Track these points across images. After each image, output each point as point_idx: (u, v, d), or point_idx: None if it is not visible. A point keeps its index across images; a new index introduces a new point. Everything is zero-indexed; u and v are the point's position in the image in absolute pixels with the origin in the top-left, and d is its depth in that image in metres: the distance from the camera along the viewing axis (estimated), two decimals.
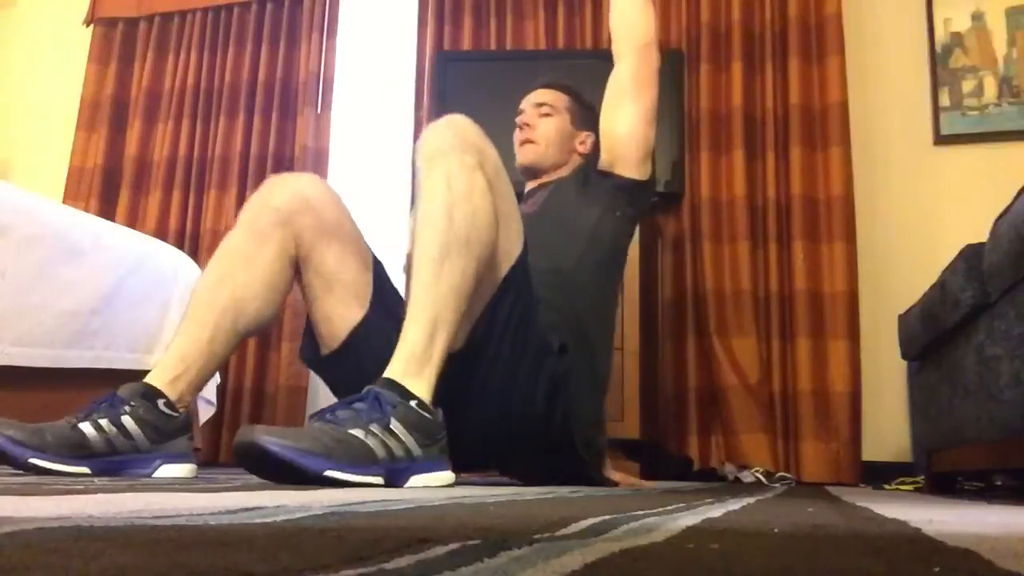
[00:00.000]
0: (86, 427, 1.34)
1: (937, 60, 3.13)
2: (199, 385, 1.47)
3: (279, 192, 1.54)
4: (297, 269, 1.56)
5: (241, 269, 1.49)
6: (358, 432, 1.15)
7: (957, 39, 3.13)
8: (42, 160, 4.09)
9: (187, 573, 0.35)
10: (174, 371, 1.43)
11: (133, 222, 3.61)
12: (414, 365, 1.23)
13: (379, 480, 1.17)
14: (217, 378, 2.84)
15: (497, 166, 1.41)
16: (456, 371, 1.37)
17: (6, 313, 1.98)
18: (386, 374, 1.23)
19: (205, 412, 2.77)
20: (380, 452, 1.17)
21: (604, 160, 1.81)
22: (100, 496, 0.78)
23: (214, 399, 2.81)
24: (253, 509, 0.67)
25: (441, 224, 1.29)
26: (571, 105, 1.95)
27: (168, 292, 2.47)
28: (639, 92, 1.77)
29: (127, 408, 1.38)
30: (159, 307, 2.44)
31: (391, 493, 1.04)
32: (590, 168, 1.85)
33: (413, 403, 1.21)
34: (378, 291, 1.57)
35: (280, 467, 1.10)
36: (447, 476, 1.27)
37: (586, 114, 1.95)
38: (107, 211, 3.70)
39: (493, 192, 1.36)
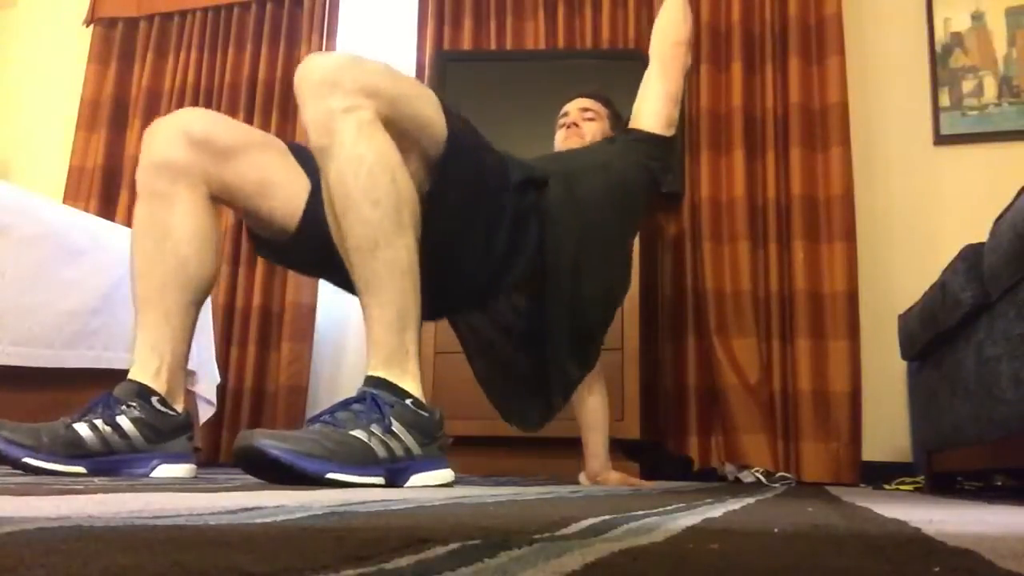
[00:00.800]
0: (81, 427, 1.34)
1: (937, 60, 3.12)
2: (180, 369, 1.45)
3: (160, 144, 1.45)
4: (219, 198, 1.50)
5: (163, 240, 1.44)
6: (360, 433, 1.15)
7: (957, 39, 3.13)
8: (42, 160, 4.09)
9: (187, 573, 0.35)
10: (152, 363, 1.41)
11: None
12: (396, 366, 1.22)
13: (380, 480, 1.17)
14: (217, 378, 2.84)
15: (392, 94, 1.28)
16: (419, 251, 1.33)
17: (6, 313, 1.98)
18: (371, 372, 1.22)
19: (205, 412, 2.77)
20: (381, 452, 1.17)
21: (630, 124, 1.98)
22: (100, 496, 0.78)
23: (214, 399, 2.81)
24: (253, 509, 0.67)
25: (365, 210, 1.21)
26: (609, 114, 2.13)
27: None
28: (667, 77, 1.95)
29: (123, 408, 1.37)
30: None
31: (391, 493, 1.04)
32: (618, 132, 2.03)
33: (408, 402, 1.21)
34: (309, 167, 1.48)
35: (282, 471, 1.09)
36: (447, 474, 1.27)
37: (619, 126, 2.11)
38: (107, 211, 3.70)
39: (399, 117, 1.28)
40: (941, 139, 3.09)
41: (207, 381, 2.74)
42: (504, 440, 2.71)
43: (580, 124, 2.06)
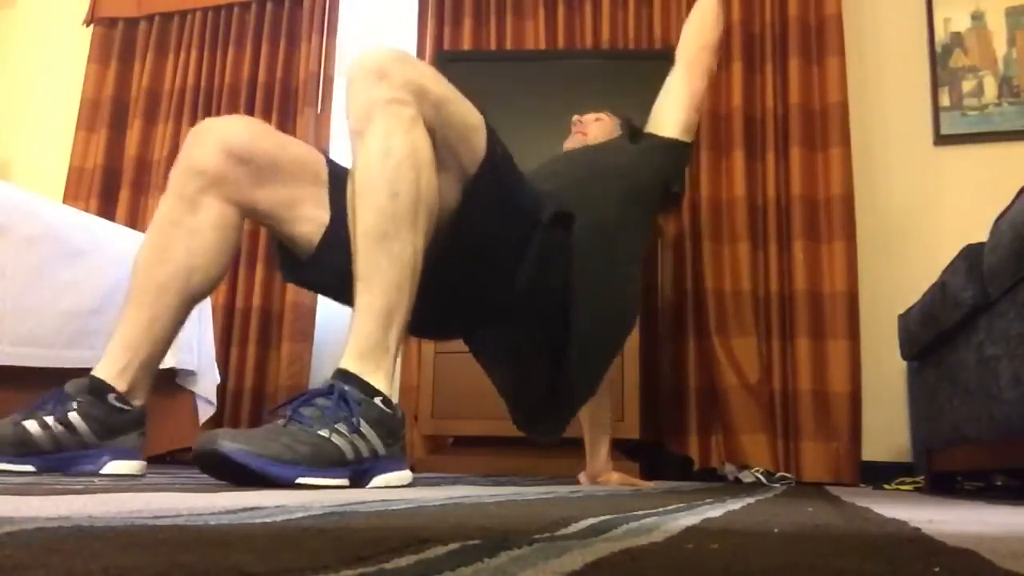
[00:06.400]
0: (31, 424, 1.32)
1: (937, 60, 3.12)
2: (150, 370, 1.42)
3: (202, 151, 1.43)
4: (248, 216, 1.49)
5: (177, 241, 1.42)
6: (327, 433, 1.10)
7: (957, 39, 3.13)
8: (42, 160, 4.09)
9: (187, 573, 0.35)
10: (121, 361, 1.38)
11: (133, 222, 3.61)
12: (371, 360, 1.17)
13: (345, 482, 1.12)
14: (217, 378, 2.84)
15: (439, 95, 1.28)
16: (439, 273, 1.33)
17: (6, 313, 1.98)
18: (343, 365, 1.17)
19: (205, 412, 2.77)
20: (349, 453, 1.12)
21: (647, 127, 1.94)
22: (100, 496, 0.78)
23: (214, 399, 2.81)
24: (253, 509, 0.67)
25: (383, 197, 1.20)
26: (623, 123, 2.09)
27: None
28: (691, 78, 1.93)
29: (74, 404, 1.34)
30: None
31: (391, 493, 1.04)
32: (634, 131, 1.98)
33: (377, 400, 1.16)
34: (334, 191, 1.47)
35: (248, 476, 1.04)
36: (407, 475, 1.23)
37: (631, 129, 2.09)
38: (107, 211, 3.70)
39: (442, 124, 1.28)
40: (941, 139, 3.09)
41: (207, 381, 2.74)
42: (504, 440, 2.71)
43: (587, 124, 2.05)
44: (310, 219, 1.48)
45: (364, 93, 1.24)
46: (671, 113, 1.90)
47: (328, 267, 1.46)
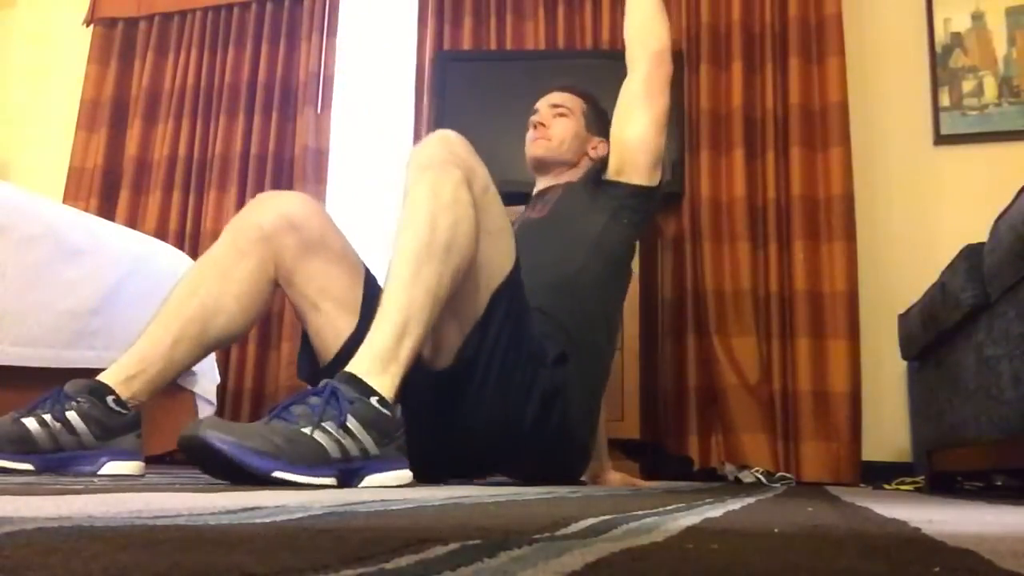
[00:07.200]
0: (30, 422, 1.32)
1: (937, 60, 3.12)
2: (155, 388, 1.45)
3: (263, 210, 1.55)
4: (283, 287, 1.56)
5: (215, 281, 1.49)
6: (310, 430, 1.11)
7: (957, 39, 3.13)
8: (42, 160, 4.09)
9: (187, 573, 0.35)
10: (130, 370, 1.41)
11: (133, 222, 3.61)
12: (379, 363, 1.20)
13: (332, 481, 1.12)
14: (217, 378, 2.84)
15: (485, 184, 1.42)
16: (447, 387, 1.41)
17: (6, 313, 1.98)
18: (349, 368, 1.19)
19: (205, 412, 2.76)
20: (334, 451, 1.12)
21: (613, 166, 1.83)
22: (100, 496, 0.78)
23: (214, 399, 2.81)
24: (253, 509, 0.67)
25: (423, 228, 1.30)
26: (586, 110, 1.99)
27: (168, 292, 2.47)
28: (651, 99, 1.81)
29: (73, 404, 1.35)
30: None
31: (391, 493, 1.04)
32: (600, 173, 1.85)
33: (373, 400, 1.16)
34: (368, 300, 1.54)
35: (227, 465, 1.05)
36: (404, 475, 1.22)
37: (600, 121, 1.98)
38: (107, 211, 3.70)
39: (479, 209, 1.38)
40: (941, 139, 3.09)
41: (207, 381, 2.73)
42: None
43: (547, 123, 1.93)
44: (334, 317, 1.55)
45: (427, 151, 1.38)
46: (638, 151, 1.79)
47: None
